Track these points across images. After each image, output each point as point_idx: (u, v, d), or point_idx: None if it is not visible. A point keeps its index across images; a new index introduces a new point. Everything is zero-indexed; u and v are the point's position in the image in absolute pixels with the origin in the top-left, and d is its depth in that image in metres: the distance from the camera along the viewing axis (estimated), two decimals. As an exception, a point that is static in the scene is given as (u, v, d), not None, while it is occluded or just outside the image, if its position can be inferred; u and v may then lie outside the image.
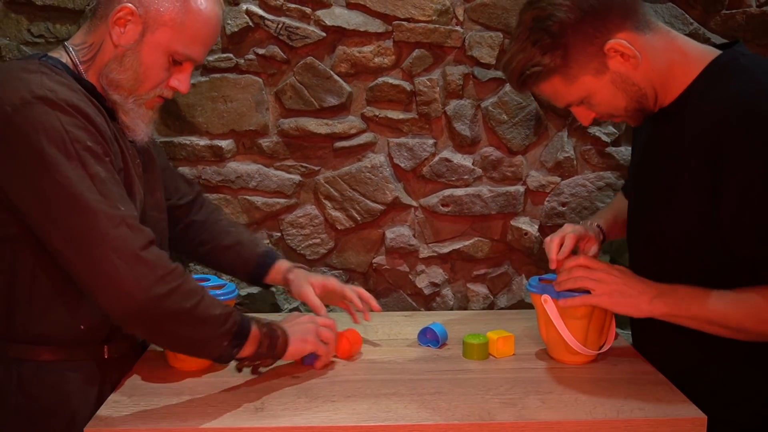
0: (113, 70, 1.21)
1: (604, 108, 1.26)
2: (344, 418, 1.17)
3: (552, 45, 1.17)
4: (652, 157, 1.36)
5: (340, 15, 1.85)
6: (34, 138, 1.05)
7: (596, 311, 1.32)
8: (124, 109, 1.24)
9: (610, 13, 1.17)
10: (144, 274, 1.07)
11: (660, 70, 1.23)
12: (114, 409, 1.21)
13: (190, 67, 1.27)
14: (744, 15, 1.85)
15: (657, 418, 1.17)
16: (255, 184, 1.93)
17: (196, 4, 1.21)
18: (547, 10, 1.17)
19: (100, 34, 1.21)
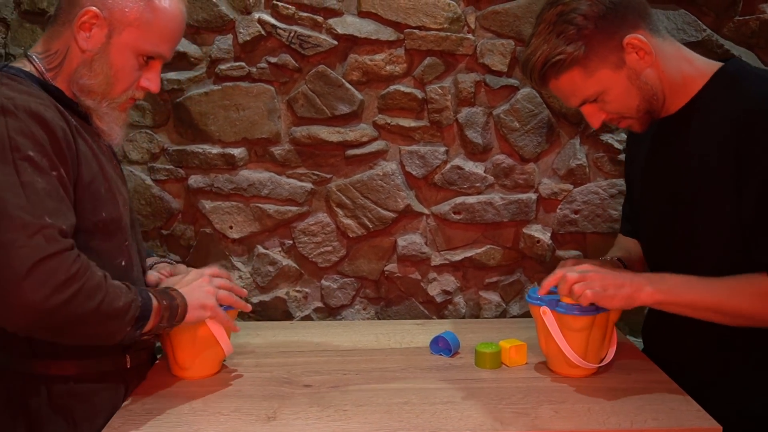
0: (83, 76, 1.19)
1: (617, 106, 1.28)
2: (356, 427, 1.17)
3: (576, 35, 1.22)
4: (660, 171, 1.37)
5: (351, 23, 1.86)
6: None
7: (596, 323, 1.31)
8: (98, 114, 1.22)
9: (629, 12, 1.23)
10: (42, 283, 1.01)
11: (670, 74, 1.27)
12: (127, 417, 1.22)
13: (158, 66, 1.26)
14: (758, 21, 1.85)
15: (671, 429, 1.16)
16: (267, 192, 1.94)
17: (161, 2, 1.20)
18: (570, 5, 1.23)
19: (65, 40, 1.19)
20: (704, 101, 1.26)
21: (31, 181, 1.05)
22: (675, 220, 1.33)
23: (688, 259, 1.31)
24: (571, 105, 1.33)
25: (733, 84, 1.23)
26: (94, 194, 1.18)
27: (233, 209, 1.95)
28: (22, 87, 1.13)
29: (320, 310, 2.02)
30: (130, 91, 1.24)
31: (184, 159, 1.93)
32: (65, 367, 1.20)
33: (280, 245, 1.98)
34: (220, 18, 1.85)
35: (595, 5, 1.22)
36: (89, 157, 1.18)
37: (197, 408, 1.26)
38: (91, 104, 1.21)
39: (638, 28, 1.24)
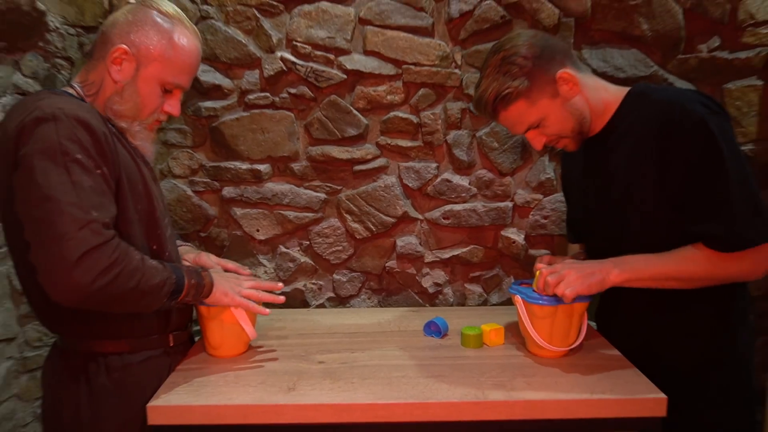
0: (116, 102, 1.20)
1: (556, 128, 1.32)
2: (362, 396, 1.18)
3: (519, 72, 1.27)
4: (595, 180, 1.39)
5: (358, 60, 1.87)
6: (30, 149, 1.04)
7: (559, 312, 1.30)
8: (131, 133, 1.23)
9: (557, 52, 1.30)
10: (88, 269, 1.02)
11: (593, 101, 1.33)
12: (171, 389, 1.22)
13: (179, 94, 1.26)
14: (697, 59, 1.85)
15: (624, 398, 1.17)
16: (288, 201, 1.95)
17: (180, 41, 1.21)
18: (512, 50, 1.28)
19: (100, 72, 1.20)
20: (620, 118, 1.32)
21: (79, 180, 1.06)
22: (612, 216, 1.35)
23: (626, 247, 1.32)
24: (517, 132, 1.36)
25: (640, 101, 1.30)
26: (133, 190, 1.18)
27: (260, 215, 1.96)
28: (72, 99, 1.15)
29: (332, 299, 2.03)
30: (155, 115, 1.25)
31: (219, 174, 1.93)
32: (119, 345, 1.21)
33: (298, 245, 1.99)
34: (248, 56, 1.86)
35: (531, 48, 1.27)
36: (128, 159, 1.19)
37: (230, 380, 1.27)
38: (124, 125, 1.22)
39: (565, 65, 1.29)
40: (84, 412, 1.17)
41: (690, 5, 1.82)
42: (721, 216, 1.17)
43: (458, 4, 1.83)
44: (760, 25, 1.83)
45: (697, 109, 1.18)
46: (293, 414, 1.16)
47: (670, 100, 1.22)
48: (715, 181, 1.17)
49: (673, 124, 1.19)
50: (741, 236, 1.17)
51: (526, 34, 1.32)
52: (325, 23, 1.84)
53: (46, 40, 1.84)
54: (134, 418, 1.20)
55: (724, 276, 1.22)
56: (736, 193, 1.16)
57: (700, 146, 1.17)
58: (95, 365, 1.19)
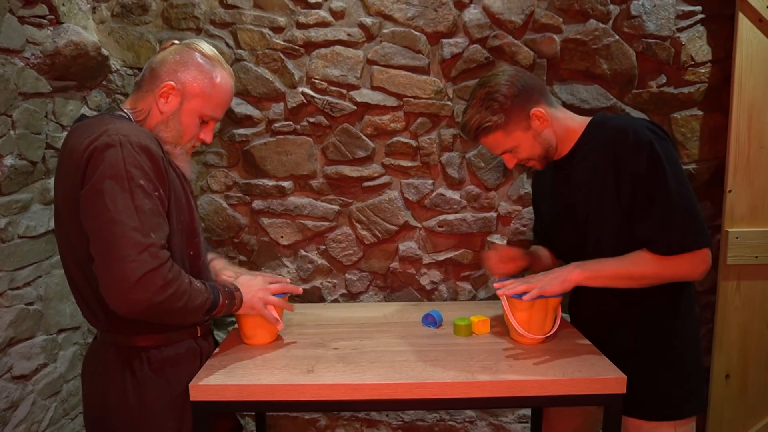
0: (161, 131, 1.18)
1: (526, 154, 1.34)
2: (370, 377, 1.18)
3: (499, 109, 1.28)
4: (563, 194, 1.39)
5: (366, 94, 1.88)
6: (101, 172, 1.02)
7: (535, 305, 1.30)
8: (174, 155, 1.21)
9: (533, 91, 1.30)
10: (146, 289, 1.02)
11: (560, 130, 1.33)
12: (209, 371, 1.23)
13: (213, 124, 1.25)
14: (648, 93, 1.86)
15: (591, 378, 1.16)
16: (307, 212, 1.95)
17: (218, 80, 1.20)
18: (494, 87, 1.29)
19: (148, 103, 1.18)
20: (583, 143, 1.33)
21: (141, 204, 1.04)
22: (576, 225, 1.36)
23: (588, 251, 1.33)
24: (494, 153, 1.38)
25: (599, 128, 1.31)
26: (178, 204, 1.17)
27: (283, 224, 1.96)
28: (133, 125, 1.12)
29: (345, 295, 2.02)
30: (192, 141, 1.23)
31: (250, 189, 1.94)
32: (157, 339, 1.18)
33: (316, 249, 1.99)
34: (275, 91, 1.88)
35: (512, 87, 1.28)
36: (174, 178, 1.17)
37: (258, 364, 1.27)
38: (168, 149, 1.19)
39: (540, 102, 1.30)
40: (130, 399, 1.15)
41: (641, 49, 1.83)
42: (663, 224, 1.18)
43: (450, 48, 1.85)
44: (699, 65, 1.84)
45: (645, 134, 1.20)
46: (312, 392, 1.16)
47: (624, 126, 1.24)
48: (658, 194, 1.18)
49: (626, 145, 1.21)
50: (678, 242, 1.18)
51: (508, 72, 1.31)
52: (339, 63, 1.85)
53: (109, 80, 1.86)
54: (174, 400, 1.18)
55: (668, 276, 1.22)
56: (676, 205, 1.17)
57: (647, 163, 1.18)
58: (138, 358, 1.17)
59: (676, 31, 1.82)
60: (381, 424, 2.08)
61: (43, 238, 1.65)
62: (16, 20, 1.52)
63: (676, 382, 1.27)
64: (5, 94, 1.49)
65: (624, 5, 1.82)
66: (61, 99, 1.73)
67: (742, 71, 1.77)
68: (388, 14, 1.83)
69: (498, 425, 2.07)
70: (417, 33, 1.84)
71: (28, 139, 1.59)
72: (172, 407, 1.18)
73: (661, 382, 1.27)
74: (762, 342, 1.88)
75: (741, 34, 1.76)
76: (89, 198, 1.04)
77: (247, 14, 1.84)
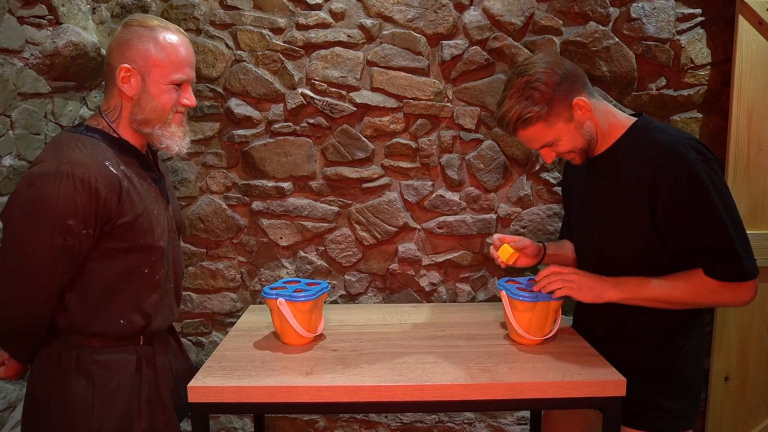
0: (137, 114, 1.15)
1: (567, 147, 1.26)
2: (369, 379, 1.18)
3: (540, 98, 1.19)
4: (591, 192, 1.35)
5: (366, 95, 1.87)
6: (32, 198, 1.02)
7: (537, 307, 1.29)
8: (156, 136, 1.17)
9: (575, 80, 1.22)
10: None
11: (601, 124, 1.26)
12: (208, 372, 1.22)
13: (188, 86, 1.19)
14: (648, 95, 1.86)
15: (590, 380, 1.16)
16: (307, 213, 1.95)
17: (167, 41, 1.14)
18: (535, 75, 1.20)
19: (116, 97, 1.15)
20: (622, 146, 1.26)
21: (62, 242, 1.03)
22: (602, 229, 1.32)
23: (610, 258, 1.29)
24: (532, 148, 1.30)
25: (642, 135, 1.24)
26: (137, 228, 1.13)
27: (283, 225, 1.96)
28: (90, 152, 1.08)
29: (344, 296, 2.02)
30: (175, 109, 1.17)
31: (249, 190, 1.94)
32: (92, 341, 1.15)
33: (315, 250, 1.99)
34: (274, 92, 1.87)
35: (553, 75, 1.20)
36: (136, 202, 1.13)
37: (257, 365, 1.26)
38: (150, 131, 1.16)
39: (581, 92, 1.22)
40: (53, 395, 1.13)
41: (641, 51, 1.83)
42: (725, 251, 1.13)
43: (449, 49, 1.85)
44: (698, 68, 1.84)
45: (690, 156, 1.13)
46: (311, 394, 1.15)
47: (667, 144, 1.17)
48: (709, 222, 1.13)
49: (665, 167, 1.15)
50: (743, 269, 1.13)
51: (548, 59, 1.23)
52: (339, 65, 1.85)
53: (106, 80, 1.86)
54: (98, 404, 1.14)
55: (711, 302, 1.18)
56: (732, 232, 1.12)
57: (689, 189, 1.13)
58: (68, 355, 1.14)
59: (675, 33, 1.82)
60: (380, 425, 2.08)
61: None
62: (16, 20, 1.51)
63: (675, 399, 1.26)
64: (4, 95, 1.48)
65: (624, 8, 1.82)
66: (60, 99, 1.72)
67: (742, 74, 1.77)
68: (388, 16, 1.83)
69: (497, 427, 2.07)
70: (417, 34, 1.84)
71: (27, 139, 1.58)
72: (94, 411, 1.13)
73: (661, 397, 1.25)
74: (761, 344, 1.88)
75: (741, 36, 1.76)
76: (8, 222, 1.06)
77: (247, 15, 1.84)
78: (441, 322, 1.56)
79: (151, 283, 1.19)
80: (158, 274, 1.21)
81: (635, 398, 1.19)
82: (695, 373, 1.28)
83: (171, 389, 1.26)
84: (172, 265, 1.27)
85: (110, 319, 1.15)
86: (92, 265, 1.11)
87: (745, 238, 1.15)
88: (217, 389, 1.15)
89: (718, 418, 1.91)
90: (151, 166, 1.23)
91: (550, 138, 1.24)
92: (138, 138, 1.19)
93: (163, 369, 1.24)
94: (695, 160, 1.13)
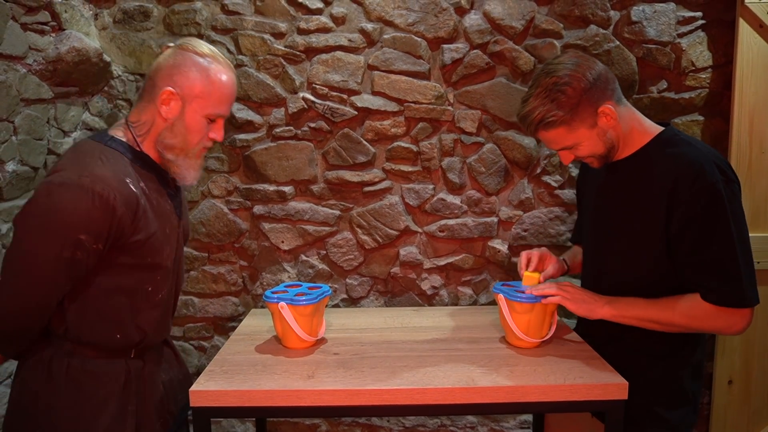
0: (167, 138, 1.14)
1: (586, 152, 1.24)
2: (370, 383, 1.18)
3: (566, 103, 1.16)
4: (607, 200, 1.33)
5: (367, 99, 1.88)
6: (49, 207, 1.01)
7: (535, 309, 1.29)
8: (176, 164, 1.17)
9: (604, 86, 1.19)
10: None
11: (625, 131, 1.23)
12: (210, 376, 1.22)
13: (221, 122, 1.19)
14: (649, 98, 1.86)
15: (592, 384, 1.16)
16: (308, 217, 1.95)
17: (217, 76, 1.14)
18: (563, 78, 1.16)
19: (151, 113, 1.14)
20: (647, 155, 1.23)
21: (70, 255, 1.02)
22: (614, 238, 1.30)
23: (619, 269, 1.28)
24: (551, 148, 1.28)
25: (668, 145, 1.21)
26: (148, 246, 1.12)
27: (284, 229, 1.97)
28: (112, 166, 1.07)
29: (345, 300, 2.02)
30: (202, 143, 1.18)
31: (251, 194, 1.94)
32: (85, 350, 1.13)
33: (317, 254, 1.99)
34: (276, 96, 1.88)
35: (582, 80, 1.16)
36: (151, 221, 1.12)
37: (259, 369, 1.26)
38: (171, 157, 1.16)
39: (609, 99, 1.19)
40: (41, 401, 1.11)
41: (642, 54, 1.84)
42: (728, 274, 1.11)
43: (450, 53, 1.85)
44: (699, 71, 1.84)
45: (713, 174, 1.11)
46: (312, 398, 1.15)
47: (692, 160, 1.14)
48: (717, 240, 1.11)
49: (687, 181, 1.13)
50: (743, 295, 1.11)
51: (579, 61, 1.18)
52: (340, 69, 1.86)
53: (111, 85, 1.87)
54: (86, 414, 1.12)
55: (702, 327, 1.17)
56: (740, 257, 1.11)
57: (708, 206, 1.11)
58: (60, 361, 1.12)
59: (676, 36, 1.83)
60: (382, 429, 2.07)
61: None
62: (19, 27, 1.53)
63: (673, 409, 1.25)
64: (7, 100, 1.49)
65: (624, 11, 1.83)
66: (63, 105, 1.74)
67: (743, 76, 1.78)
68: (388, 20, 1.84)
69: (499, 431, 2.07)
70: (418, 38, 1.85)
71: (30, 144, 1.59)
72: (80, 420, 1.12)
73: (660, 406, 1.25)
74: (765, 347, 1.87)
75: (741, 39, 1.76)
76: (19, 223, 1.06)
77: (248, 20, 1.85)
78: (442, 326, 1.56)
79: (153, 302, 1.19)
80: (161, 293, 1.20)
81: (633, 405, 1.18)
82: (695, 384, 1.27)
83: (159, 401, 1.24)
84: (176, 282, 1.28)
85: (107, 332, 1.14)
86: (97, 278, 1.10)
87: (751, 267, 1.13)
88: (219, 393, 1.16)
89: (721, 421, 1.90)
90: (169, 182, 1.23)
91: (570, 142, 1.22)
92: (159, 157, 1.18)
93: (151, 381, 1.23)
94: (718, 179, 1.11)
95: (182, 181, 1.20)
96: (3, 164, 1.51)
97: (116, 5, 1.84)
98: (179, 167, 1.18)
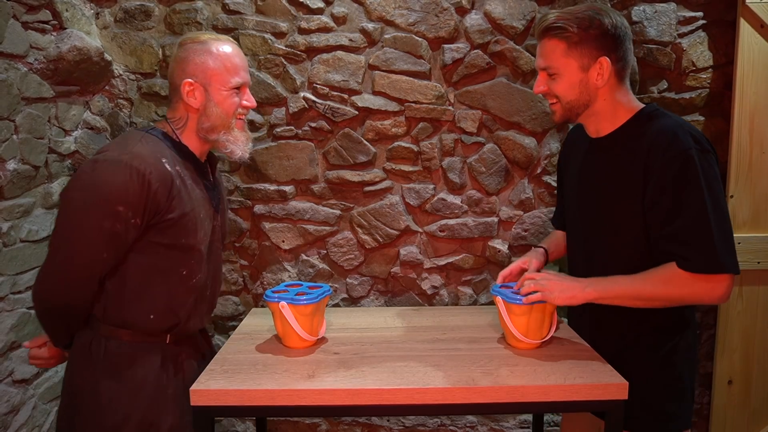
0: (204, 122, 1.22)
1: (559, 90, 1.23)
2: (371, 383, 1.18)
3: (584, 27, 1.18)
4: (590, 179, 1.33)
5: (368, 99, 1.88)
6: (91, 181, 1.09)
7: (534, 310, 1.29)
8: (221, 142, 1.24)
9: (620, 48, 1.20)
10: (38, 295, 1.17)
11: (609, 102, 1.24)
12: (210, 375, 1.22)
13: (246, 89, 1.26)
14: (649, 99, 1.86)
15: (592, 383, 1.16)
16: (309, 216, 1.95)
17: (221, 51, 1.21)
18: (598, 16, 1.19)
19: (182, 109, 1.23)
20: (627, 131, 1.24)
21: (109, 226, 1.09)
22: (600, 217, 1.29)
23: (609, 249, 1.28)
24: (538, 65, 1.27)
25: (647, 121, 1.22)
26: (181, 226, 1.18)
27: (285, 229, 1.97)
28: (152, 147, 1.15)
29: (346, 299, 2.02)
30: (236, 112, 1.25)
31: (251, 194, 1.94)
32: (121, 334, 1.19)
33: (317, 254, 1.99)
34: (276, 96, 1.88)
35: (610, 28, 1.18)
36: (185, 201, 1.18)
37: (260, 368, 1.26)
38: (216, 137, 1.23)
39: (617, 60, 1.20)
40: (87, 384, 1.18)
41: (642, 55, 1.83)
42: (701, 241, 1.11)
43: (451, 53, 1.85)
44: (700, 71, 1.84)
45: (687, 141, 1.12)
46: (312, 397, 1.15)
47: (667, 128, 1.16)
48: (690, 208, 1.11)
49: (660, 149, 1.14)
50: (717, 261, 1.10)
51: (619, 18, 1.20)
52: (341, 69, 1.86)
53: (111, 85, 1.87)
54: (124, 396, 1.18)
55: (683, 297, 1.16)
56: (713, 222, 1.10)
57: (679, 173, 1.11)
58: (98, 346, 1.18)
59: (677, 36, 1.83)
60: (382, 428, 2.08)
61: (45, 242, 1.66)
62: (20, 26, 1.53)
63: (670, 399, 1.25)
64: (8, 99, 1.50)
65: (625, 11, 1.83)
66: (63, 104, 1.74)
67: (744, 77, 1.78)
68: (389, 20, 1.84)
69: (499, 430, 2.07)
70: (418, 38, 1.85)
71: (30, 143, 1.59)
72: (120, 402, 1.17)
73: (656, 399, 1.25)
74: (765, 347, 1.87)
75: (742, 39, 1.76)
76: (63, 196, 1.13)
77: (249, 20, 1.85)
78: (443, 326, 1.56)
79: (188, 286, 1.23)
80: (195, 277, 1.24)
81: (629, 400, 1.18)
82: (688, 372, 1.27)
83: None
84: (213, 272, 1.32)
85: (141, 312, 1.19)
86: (134, 256, 1.16)
87: (728, 233, 1.13)
88: (220, 392, 1.16)
89: (721, 421, 1.90)
90: (207, 174, 1.29)
91: (555, 65, 1.21)
92: (200, 146, 1.26)
93: (190, 369, 1.28)
94: (692, 146, 1.12)
95: (233, 156, 1.26)
96: (4, 163, 1.51)
97: (117, 4, 1.84)
98: (226, 143, 1.25)
